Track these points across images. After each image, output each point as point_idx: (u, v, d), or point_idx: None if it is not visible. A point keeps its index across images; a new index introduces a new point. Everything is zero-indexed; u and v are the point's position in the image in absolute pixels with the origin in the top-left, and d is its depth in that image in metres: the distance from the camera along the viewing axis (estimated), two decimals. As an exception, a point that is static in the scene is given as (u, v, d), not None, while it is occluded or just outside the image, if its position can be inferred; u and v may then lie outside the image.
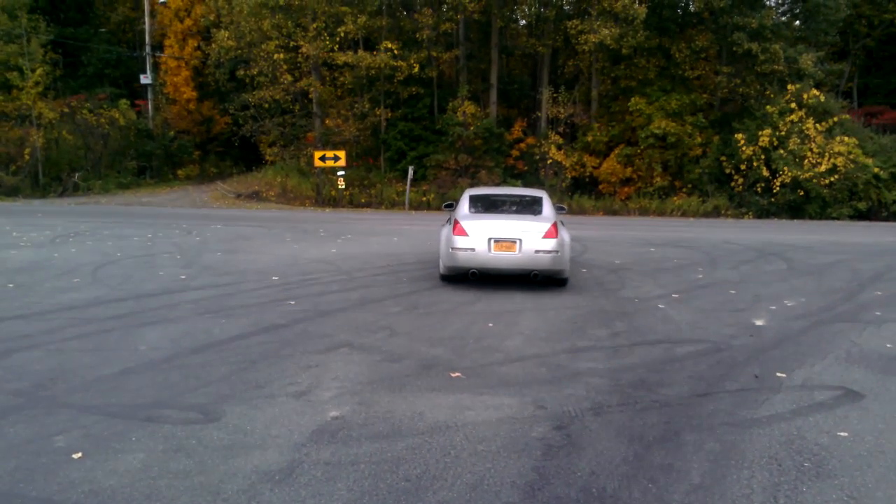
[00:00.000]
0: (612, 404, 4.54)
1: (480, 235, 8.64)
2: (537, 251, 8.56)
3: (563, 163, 26.24)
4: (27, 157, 27.57)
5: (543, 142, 26.74)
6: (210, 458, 3.62)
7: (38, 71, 27.78)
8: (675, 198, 25.48)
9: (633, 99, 25.86)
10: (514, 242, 8.61)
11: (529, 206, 9.70)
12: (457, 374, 5.14)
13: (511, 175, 26.40)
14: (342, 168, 24.90)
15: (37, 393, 4.58)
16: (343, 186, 25.21)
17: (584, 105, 28.10)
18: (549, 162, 26.45)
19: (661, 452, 3.79)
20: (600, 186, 26.77)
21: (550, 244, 8.57)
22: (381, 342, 6.01)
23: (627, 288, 8.98)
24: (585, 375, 5.16)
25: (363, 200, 25.91)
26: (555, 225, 8.80)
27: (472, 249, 8.62)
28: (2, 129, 28.48)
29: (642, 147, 25.57)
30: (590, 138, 26.81)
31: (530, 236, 8.60)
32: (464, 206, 9.59)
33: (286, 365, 5.29)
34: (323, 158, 24.93)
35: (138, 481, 3.36)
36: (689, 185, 25.96)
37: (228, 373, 5.07)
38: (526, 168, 27.32)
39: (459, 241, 8.66)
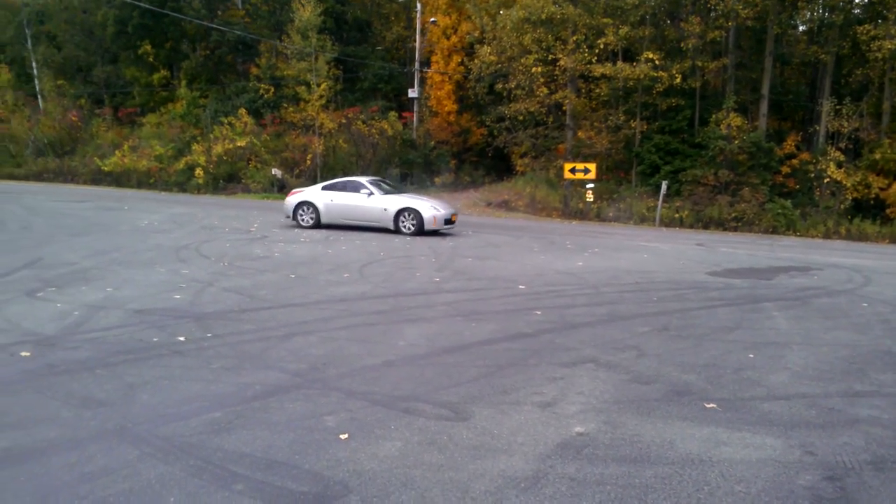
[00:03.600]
0: (901, 463, 3.90)
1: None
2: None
3: (844, 182, 23.30)
4: (309, 162, 31.29)
5: (821, 158, 23.96)
6: (460, 456, 3.76)
7: (323, 86, 31.30)
8: None
9: (938, 111, 22.22)
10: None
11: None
12: (711, 404, 4.79)
13: (779, 194, 24.06)
14: (591, 181, 24.68)
15: (312, 374, 5.13)
16: (591, 199, 24.97)
17: (873, 119, 24.71)
18: (825, 181, 23.69)
19: (970, 531, 3.18)
20: (888, 210, 23.33)
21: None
22: (628, 361, 5.81)
23: (923, 330, 7.69)
24: (865, 423, 4.51)
25: (610, 214, 25.41)
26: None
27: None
28: (290, 136, 32.76)
29: (948, 168, 21.85)
30: (878, 156, 23.47)
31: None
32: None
33: (532, 374, 5.34)
34: (573, 171, 24.93)
35: (396, 468, 3.59)
36: None
37: (477, 375, 5.24)
38: (797, 187, 24.74)
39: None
